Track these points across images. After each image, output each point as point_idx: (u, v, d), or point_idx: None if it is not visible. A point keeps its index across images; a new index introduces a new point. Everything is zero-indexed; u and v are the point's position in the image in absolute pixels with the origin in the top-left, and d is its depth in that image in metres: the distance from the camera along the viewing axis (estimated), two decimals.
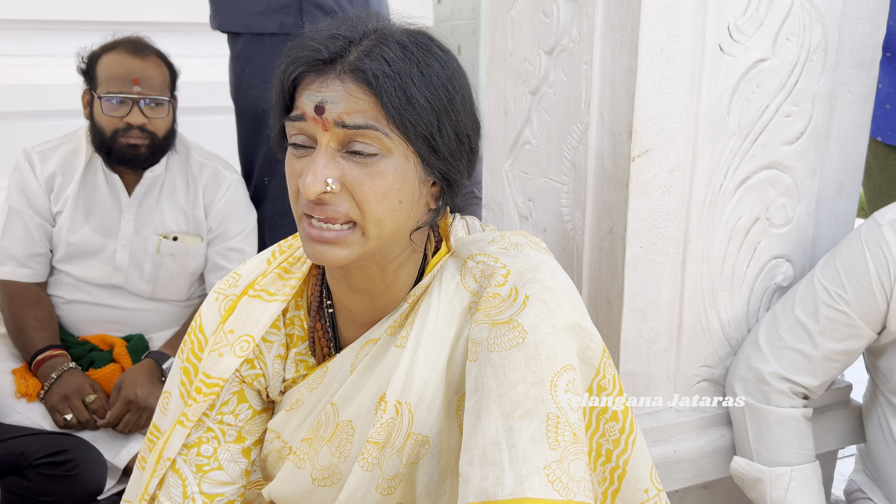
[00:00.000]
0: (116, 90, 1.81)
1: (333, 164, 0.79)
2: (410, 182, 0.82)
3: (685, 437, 1.32)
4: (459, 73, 0.85)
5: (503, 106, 1.53)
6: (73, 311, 1.97)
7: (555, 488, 0.75)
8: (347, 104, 0.77)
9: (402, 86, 0.77)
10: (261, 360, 0.99)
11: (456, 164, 0.84)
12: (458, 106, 0.83)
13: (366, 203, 0.79)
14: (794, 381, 1.23)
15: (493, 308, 0.85)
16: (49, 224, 1.92)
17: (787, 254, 1.35)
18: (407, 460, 0.90)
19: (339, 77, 0.78)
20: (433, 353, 0.89)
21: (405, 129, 0.79)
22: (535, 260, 0.88)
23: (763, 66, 1.22)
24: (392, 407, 0.88)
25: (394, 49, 0.78)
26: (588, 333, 0.87)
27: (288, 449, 1.00)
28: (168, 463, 0.97)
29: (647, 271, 1.24)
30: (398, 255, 0.89)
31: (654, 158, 1.20)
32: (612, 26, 1.19)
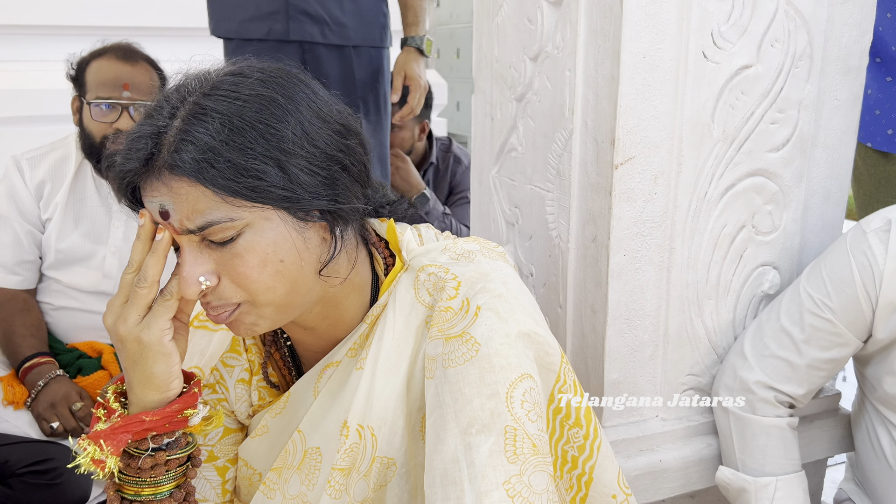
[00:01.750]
0: (106, 96, 1.81)
1: (201, 259, 0.76)
2: (285, 237, 0.77)
3: (671, 447, 1.32)
4: (290, 100, 0.76)
5: (490, 112, 1.52)
6: (62, 317, 1.96)
7: (515, 503, 0.74)
8: (181, 208, 0.74)
9: (217, 159, 0.71)
10: (222, 385, 0.98)
11: (328, 194, 0.77)
12: (298, 138, 0.74)
13: (246, 281, 0.76)
14: (779, 390, 1.22)
15: (445, 322, 0.83)
16: (38, 231, 1.91)
17: (773, 261, 1.34)
18: (374, 484, 0.89)
19: (160, 179, 0.74)
20: (392, 373, 0.87)
21: (248, 197, 0.73)
22: (486, 268, 0.86)
23: (747, 73, 1.21)
24: (355, 432, 0.87)
25: (196, 121, 0.72)
26: (544, 340, 0.85)
27: (258, 477, 0.98)
28: None
29: (632, 279, 1.23)
30: (326, 292, 0.85)
31: (638, 166, 1.19)
32: (595, 33, 1.18)
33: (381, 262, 0.92)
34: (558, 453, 0.89)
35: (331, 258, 0.82)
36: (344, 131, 0.79)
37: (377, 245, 0.92)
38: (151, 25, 2.78)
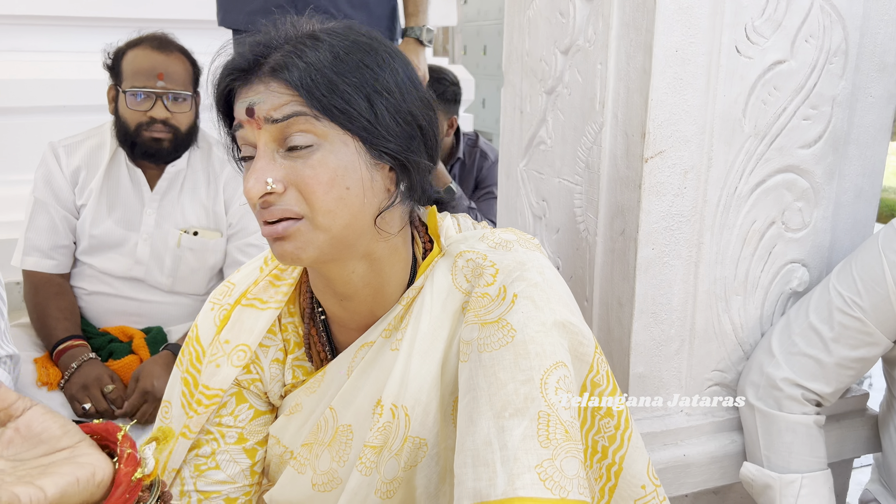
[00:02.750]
0: (141, 85, 1.84)
1: (273, 165, 0.79)
2: (356, 168, 0.80)
3: (695, 442, 1.32)
4: (389, 56, 0.83)
5: (519, 105, 1.53)
6: (95, 302, 2.00)
7: (546, 486, 0.74)
8: (273, 101, 0.78)
9: (319, 75, 0.78)
10: (257, 365, 1.00)
11: (403, 144, 0.83)
12: (391, 86, 0.81)
13: (312, 195, 0.79)
14: (807, 388, 1.22)
15: (482, 308, 0.84)
16: (73, 217, 1.96)
17: (802, 259, 1.33)
18: (405, 463, 0.90)
19: (262, 81, 0.80)
20: (428, 356, 0.89)
21: (332, 115, 0.78)
22: (523, 257, 0.87)
23: (781, 69, 1.21)
24: (388, 410, 0.88)
25: (309, 44, 0.80)
26: (579, 330, 0.86)
27: (289, 454, 1.00)
28: (173, 473, 0.98)
29: (660, 273, 1.24)
30: (374, 248, 0.87)
31: (668, 160, 1.19)
32: (628, 27, 1.18)
33: (421, 245, 0.93)
34: (588, 443, 0.90)
35: (390, 204, 0.85)
36: (427, 103, 0.86)
37: (419, 229, 0.94)
38: (185, 18, 2.82)
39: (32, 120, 2.69)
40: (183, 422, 0.97)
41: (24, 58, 2.76)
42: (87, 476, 0.66)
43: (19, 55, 2.78)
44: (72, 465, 0.66)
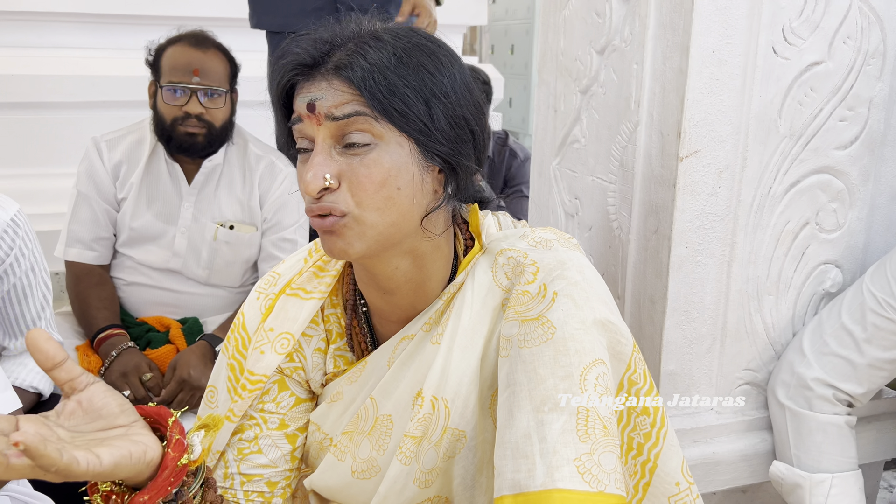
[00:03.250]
0: (177, 80, 1.89)
1: (330, 161, 0.82)
2: (408, 169, 0.83)
3: (725, 440, 1.32)
4: (449, 59, 0.85)
5: (553, 104, 1.54)
6: (133, 293, 2.06)
7: (585, 479, 0.76)
8: (334, 98, 0.81)
9: (381, 76, 0.80)
10: (300, 354, 1.02)
11: (455, 148, 0.85)
12: (448, 90, 0.83)
13: (363, 192, 0.81)
14: (838, 388, 1.22)
15: (522, 305, 0.86)
16: (114, 209, 2.01)
17: (836, 259, 1.33)
18: (444, 454, 0.93)
19: (324, 77, 0.82)
20: (468, 350, 0.91)
21: (391, 117, 0.80)
22: (563, 256, 0.89)
23: (817, 70, 1.21)
24: (429, 402, 0.91)
25: (372, 45, 0.81)
26: (618, 329, 0.87)
27: (329, 441, 1.03)
28: (217, 455, 1.01)
29: (692, 272, 1.25)
30: (419, 246, 0.89)
31: (703, 159, 1.20)
32: (664, 27, 1.20)
33: (462, 242, 0.96)
34: (624, 440, 0.91)
35: (438, 206, 0.87)
36: (480, 108, 0.88)
37: (460, 226, 0.96)
38: (223, 17, 2.88)
39: (74, 115, 2.77)
40: (228, 406, 1.00)
41: (66, 54, 2.83)
42: (140, 453, 0.70)
43: (62, 51, 2.85)
44: (126, 441, 0.70)
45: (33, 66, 2.80)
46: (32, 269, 1.69)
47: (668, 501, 0.93)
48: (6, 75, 2.74)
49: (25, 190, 2.42)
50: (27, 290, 1.69)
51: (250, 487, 1.02)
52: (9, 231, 1.64)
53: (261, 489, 1.02)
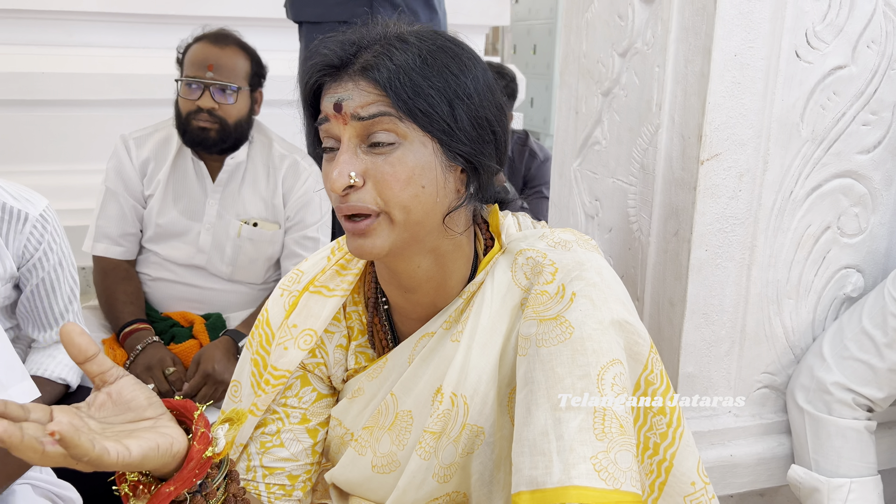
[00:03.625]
0: (192, 74, 1.92)
1: (356, 160, 0.83)
2: (432, 168, 0.84)
3: (743, 443, 1.33)
4: (472, 61, 0.87)
5: (574, 106, 1.55)
6: (158, 288, 2.09)
7: (601, 477, 0.78)
8: (361, 99, 0.82)
9: (406, 77, 0.81)
10: (322, 350, 1.04)
11: (477, 148, 0.86)
12: (471, 91, 0.85)
13: (389, 190, 0.83)
14: (858, 392, 1.22)
15: (540, 305, 0.88)
16: (141, 206, 2.05)
17: (857, 264, 1.33)
18: (462, 450, 0.94)
19: (351, 79, 0.83)
20: (487, 348, 0.92)
21: (415, 117, 0.82)
22: (582, 257, 0.90)
23: (840, 74, 1.21)
24: (448, 399, 0.92)
25: (398, 47, 0.83)
26: (635, 329, 0.88)
27: (350, 435, 1.04)
28: (240, 448, 1.04)
29: (712, 275, 1.25)
30: (440, 244, 0.91)
31: (724, 163, 1.20)
32: (687, 30, 1.20)
33: (482, 242, 0.97)
34: (640, 439, 0.92)
35: (460, 205, 0.89)
36: (501, 109, 0.90)
37: (480, 226, 0.98)
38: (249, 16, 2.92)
39: (103, 113, 2.82)
40: (251, 400, 1.02)
41: (95, 53, 2.89)
42: (167, 445, 0.73)
43: (92, 50, 2.90)
44: (154, 433, 0.73)
45: (64, 64, 2.85)
46: (60, 264, 1.73)
47: (684, 500, 0.94)
48: (37, 73, 2.80)
49: (55, 186, 2.47)
50: (55, 284, 1.72)
51: (272, 480, 1.04)
52: (37, 226, 1.68)
53: (282, 482, 1.04)
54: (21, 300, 1.71)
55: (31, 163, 2.74)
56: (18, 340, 1.78)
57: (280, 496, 1.04)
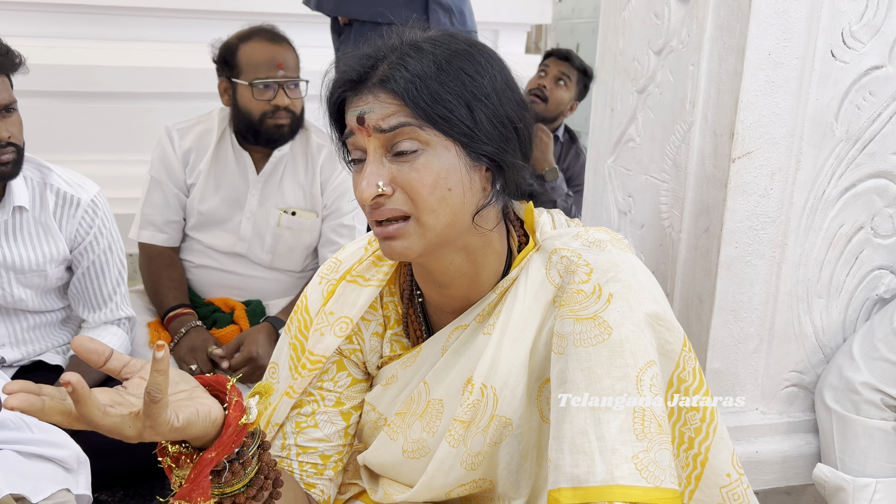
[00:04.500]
0: (264, 76, 1.97)
1: (382, 169, 0.87)
2: (456, 170, 0.87)
3: (769, 440, 1.33)
4: (487, 61, 0.88)
5: (610, 103, 1.57)
6: (201, 275, 2.17)
7: (643, 476, 0.81)
8: (381, 111, 0.85)
9: (423, 86, 0.84)
10: (359, 337, 1.08)
11: (500, 147, 0.88)
12: (489, 91, 0.87)
13: (416, 195, 0.86)
14: (887, 393, 1.22)
15: (577, 304, 0.90)
16: (184, 194, 2.12)
17: (891, 265, 1.32)
18: (490, 440, 0.97)
19: (371, 91, 0.87)
20: (518, 342, 0.95)
21: (435, 123, 0.85)
22: (617, 258, 0.92)
23: (877, 74, 1.21)
24: (478, 389, 0.95)
25: (413, 55, 0.86)
26: (668, 326, 0.91)
27: (383, 420, 1.08)
28: (276, 427, 1.08)
29: (741, 272, 1.26)
30: (471, 241, 0.94)
31: (756, 161, 1.21)
32: (721, 29, 1.21)
33: (516, 238, 1.00)
34: (675, 434, 0.95)
35: (487, 203, 0.91)
36: (523, 104, 0.92)
37: (514, 223, 1.00)
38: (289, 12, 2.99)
39: (152, 105, 2.92)
40: (288, 382, 1.06)
41: (147, 47, 2.99)
42: (205, 412, 0.77)
43: (143, 45, 3.01)
44: (192, 402, 0.77)
45: (118, 57, 2.96)
46: (109, 248, 1.81)
47: (720, 491, 0.96)
48: (93, 66, 2.90)
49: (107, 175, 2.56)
50: (104, 267, 1.81)
51: (305, 459, 1.08)
52: (89, 211, 1.76)
53: (315, 461, 1.09)
54: (72, 282, 1.80)
55: (84, 152, 2.84)
56: (69, 320, 1.87)
57: (312, 474, 1.09)
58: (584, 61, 2.99)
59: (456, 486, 1.01)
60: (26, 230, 1.70)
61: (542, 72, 2.93)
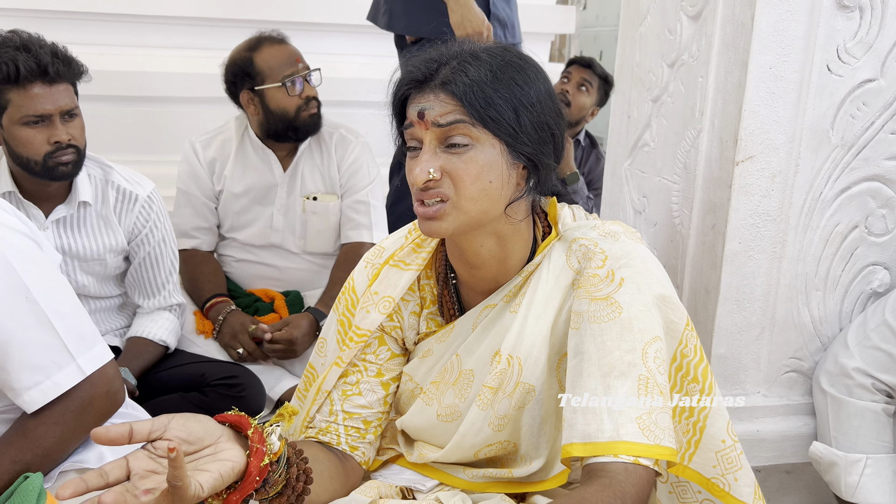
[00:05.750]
0: (289, 73, 2.11)
1: (435, 158, 1.00)
2: (498, 166, 1.00)
3: (769, 420, 1.45)
4: (535, 74, 1.00)
5: (627, 111, 1.70)
6: (242, 268, 2.33)
7: (644, 434, 0.94)
8: (440, 109, 0.98)
9: (479, 90, 0.96)
10: (398, 315, 1.22)
11: (538, 149, 1.00)
12: (534, 100, 0.99)
13: (461, 183, 0.99)
14: (877, 378, 1.33)
15: (592, 286, 1.03)
16: (212, 202, 2.27)
17: (884, 262, 1.44)
18: (515, 404, 1.11)
19: (432, 91, 1.00)
20: (541, 319, 1.08)
21: (486, 124, 0.98)
22: (629, 247, 1.05)
23: (870, 86, 1.33)
24: (505, 360, 1.09)
25: (472, 63, 0.97)
26: (672, 306, 1.03)
27: (419, 389, 1.22)
28: (325, 394, 1.22)
29: (744, 265, 1.38)
30: (502, 228, 1.07)
31: (758, 164, 1.34)
32: (727, 45, 1.34)
33: (541, 229, 1.14)
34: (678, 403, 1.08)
35: (520, 197, 1.04)
36: (560, 114, 1.05)
37: (539, 216, 1.14)
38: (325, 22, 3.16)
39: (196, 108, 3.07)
40: (336, 354, 1.20)
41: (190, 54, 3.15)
42: (227, 471, 0.87)
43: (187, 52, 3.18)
44: (216, 463, 0.87)
45: (163, 64, 3.13)
46: (164, 240, 1.97)
47: (716, 455, 1.10)
48: (140, 72, 3.07)
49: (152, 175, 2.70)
50: (159, 258, 1.96)
51: (350, 423, 1.22)
52: (145, 206, 1.92)
53: (358, 425, 1.22)
54: (129, 271, 1.96)
55: (132, 153, 3.01)
56: (125, 306, 2.03)
57: (355, 438, 1.22)
58: (605, 69, 3.12)
59: (483, 447, 1.15)
60: (89, 223, 1.85)
61: (564, 78, 3.07)
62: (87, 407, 1.20)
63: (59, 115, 1.66)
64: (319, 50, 3.11)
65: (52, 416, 1.17)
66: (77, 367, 1.18)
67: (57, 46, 1.66)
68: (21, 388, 1.14)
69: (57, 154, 1.67)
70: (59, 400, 1.17)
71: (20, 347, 1.12)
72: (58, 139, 1.65)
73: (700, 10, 1.40)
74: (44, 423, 1.17)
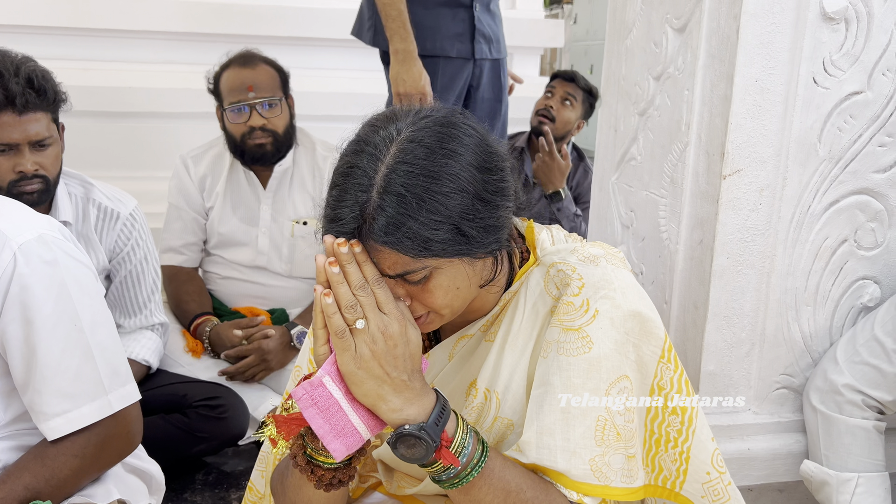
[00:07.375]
0: (235, 100, 2.10)
1: (398, 289, 0.93)
2: (462, 273, 0.93)
3: (760, 438, 1.43)
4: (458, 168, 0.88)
5: (613, 125, 1.68)
6: (227, 286, 2.30)
7: (595, 476, 0.95)
8: (384, 261, 0.90)
9: (410, 233, 0.86)
10: None
11: (495, 237, 0.92)
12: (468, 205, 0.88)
13: (432, 305, 0.94)
14: (868, 394, 1.31)
15: (566, 314, 1.00)
16: (202, 217, 2.26)
17: (874, 276, 1.42)
18: (493, 439, 1.07)
19: (371, 246, 0.90)
20: (518, 349, 1.05)
21: (436, 254, 0.88)
22: (610, 275, 1.01)
23: (857, 99, 1.32)
24: (482, 393, 1.05)
25: (388, 203, 0.86)
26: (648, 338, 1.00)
27: None
28: None
29: (733, 280, 1.36)
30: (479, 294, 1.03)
31: (745, 178, 1.32)
32: (713, 58, 1.33)
33: (518, 255, 1.10)
34: (661, 433, 1.06)
35: (493, 277, 1.00)
36: (498, 163, 0.93)
37: (515, 240, 1.10)
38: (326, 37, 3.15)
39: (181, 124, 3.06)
40: None
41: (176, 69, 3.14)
42: None
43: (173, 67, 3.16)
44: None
45: (149, 79, 3.11)
46: (146, 258, 1.94)
47: (702, 486, 1.07)
48: (125, 87, 3.05)
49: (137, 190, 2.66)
50: (140, 277, 1.93)
51: None
52: (127, 224, 1.89)
53: None
54: (110, 290, 1.92)
55: (117, 168, 2.98)
56: None
57: None
58: (588, 81, 3.11)
59: None
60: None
61: (548, 93, 3.06)
62: (107, 444, 1.20)
63: (27, 144, 1.61)
64: (307, 65, 3.10)
65: (73, 448, 1.16)
66: (107, 402, 1.18)
67: (35, 73, 1.60)
68: (50, 413, 1.13)
69: (21, 183, 1.63)
70: (81, 432, 1.16)
71: (59, 373, 1.13)
72: (22, 169, 1.61)
73: (685, 23, 1.38)
74: (63, 453, 1.16)
